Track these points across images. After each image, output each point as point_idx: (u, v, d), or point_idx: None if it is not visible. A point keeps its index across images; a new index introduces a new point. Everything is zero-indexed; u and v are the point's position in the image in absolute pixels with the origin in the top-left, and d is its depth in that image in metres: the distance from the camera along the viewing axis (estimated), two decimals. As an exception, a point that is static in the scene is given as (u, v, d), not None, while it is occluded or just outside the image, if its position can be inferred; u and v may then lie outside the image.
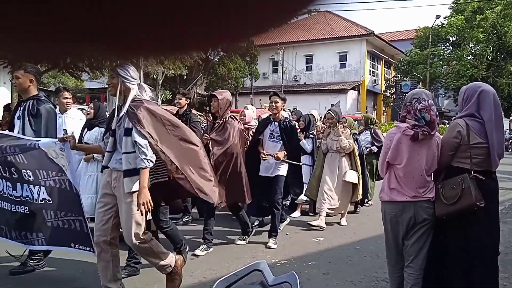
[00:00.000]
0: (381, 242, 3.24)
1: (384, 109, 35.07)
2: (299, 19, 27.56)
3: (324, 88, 30.98)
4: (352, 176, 5.70)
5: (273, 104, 4.92)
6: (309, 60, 33.13)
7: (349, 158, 5.81)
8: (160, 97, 23.37)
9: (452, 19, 28.93)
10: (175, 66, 20.79)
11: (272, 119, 4.99)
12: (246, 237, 4.91)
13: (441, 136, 2.92)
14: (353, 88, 30.87)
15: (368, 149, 6.99)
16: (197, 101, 31.73)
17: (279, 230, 5.03)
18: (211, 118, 4.89)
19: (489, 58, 28.43)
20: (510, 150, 21.16)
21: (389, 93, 33.45)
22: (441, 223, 2.83)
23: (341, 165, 5.74)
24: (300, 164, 5.08)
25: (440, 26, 29.77)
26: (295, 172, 5.01)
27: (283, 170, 4.87)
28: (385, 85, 34.30)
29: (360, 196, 6.02)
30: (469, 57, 29.13)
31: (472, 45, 29.21)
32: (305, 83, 32.61)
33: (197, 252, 4.35)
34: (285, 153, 4.85)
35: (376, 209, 3.16)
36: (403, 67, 32.01)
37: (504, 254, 4.23)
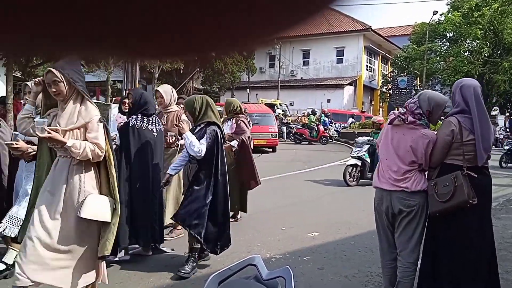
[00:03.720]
0: (376, 237, 3.26)
1: (381, 104, 35.11)
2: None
3: (321, 83, 31.00)
4: (92, 209, 2.66)
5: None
6: (306, 55, 33.10)
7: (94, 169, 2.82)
8: (157, 91, 23.29)
9: (450, 15, 28.93)
10: (169, 61, 20.69)
11: None
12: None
13: (435, 132, 2.96)
14: (349, 84, 30.90)
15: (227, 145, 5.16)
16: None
17: None
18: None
19: (486, 55, 28.44)
20: (505, 147, 21.25)
21: (386, 88, 33.46)
22: (433, 218, 2.86)
23: (71, 185, 2.69)
24: None
25: (437, 22, 29.77)
26: None
27: None
28: (382, 80, 34.30)
29: (106, 251, 2.72)
30: (465, 53, 29.14)
31: (469, 42, 29.24)
32: (302, 78, 32.59)
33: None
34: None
35: (371, 205, 3.18)
36: (400, 63, 32.01)
37: (497, 250, 4.27)
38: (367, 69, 32.99)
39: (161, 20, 0.35)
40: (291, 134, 19.77)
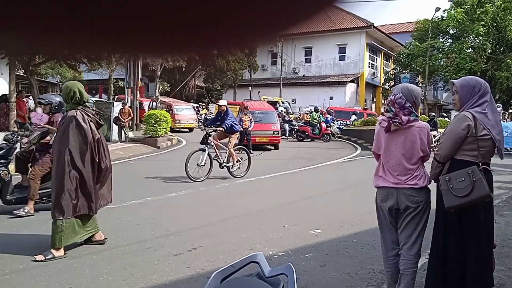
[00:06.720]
0: (378, 234, 3.26)
1: (383, 102, 35.03)
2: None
3: (323, 81, 30.98)
4: None
5: None
6: (308, 52, 33.07)
7: None
8: (159, 88, 23.30)
9: (452, 12, 28.82)
10: (174, 58, 20.70)
11: None
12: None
13: (430, 129, 2.97)
14: (352, 81, 30.87)
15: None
16: (195, 93, 31.67)
17: None
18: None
19: (489, 52, 28.34)
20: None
21: (388, 86, 33.39)
22: (441, 216, 2.85)
23: None
24: None
25: (439, 19, 29.66)
26: None
27: None
28: (384, 77, 34.23)
29: None
30: (468, 50, 29.03)
31: (472, 38, 29.13)
32: (304, 75, 32.56)
33: None
34: None
35: (373, 202, 3.18)
36: (402, 60, 31.93)
37: (500, 247, 4.26)
38: (369, 66, 32.92)
39: (164, 17, 0.34)
40: (293, 132, 19.74)
